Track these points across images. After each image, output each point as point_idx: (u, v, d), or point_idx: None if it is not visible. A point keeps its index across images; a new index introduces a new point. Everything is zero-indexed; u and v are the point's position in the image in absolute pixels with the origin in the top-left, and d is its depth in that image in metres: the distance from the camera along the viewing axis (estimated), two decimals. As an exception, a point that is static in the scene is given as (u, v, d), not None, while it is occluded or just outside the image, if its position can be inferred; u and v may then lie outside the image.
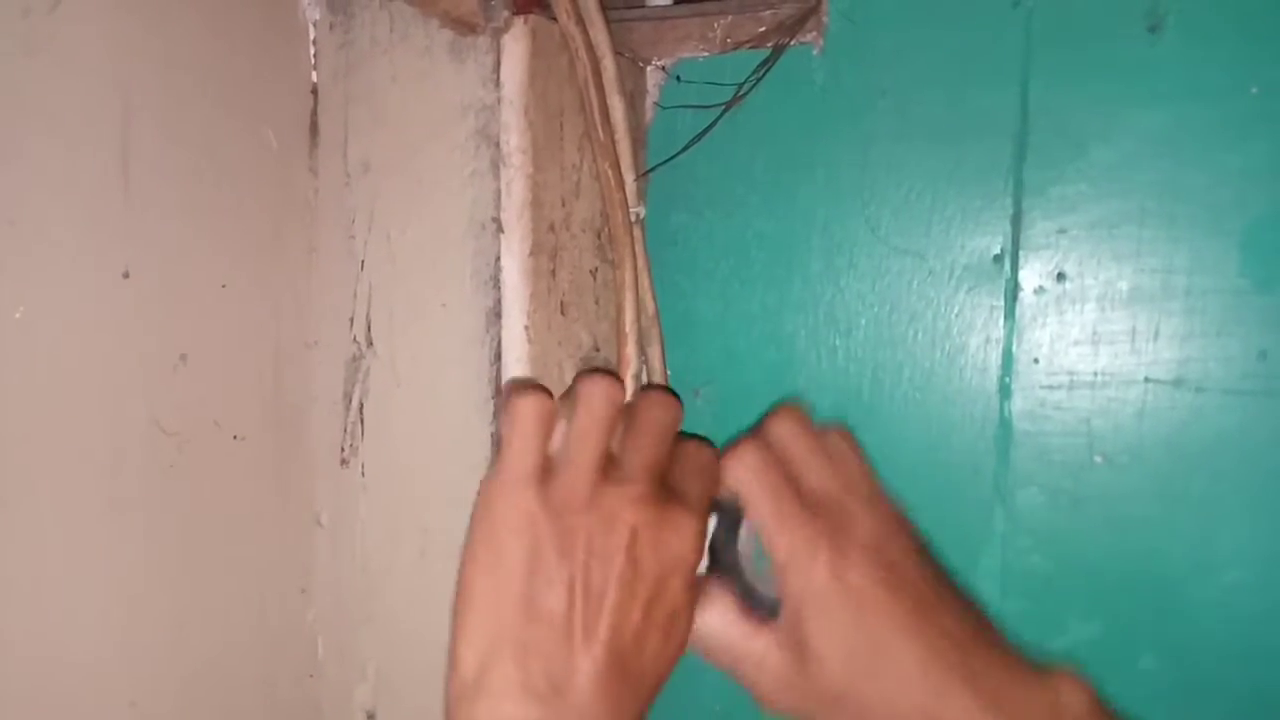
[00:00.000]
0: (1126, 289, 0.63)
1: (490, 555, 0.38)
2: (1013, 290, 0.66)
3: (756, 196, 0.72)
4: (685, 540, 0.38)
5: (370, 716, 0.69)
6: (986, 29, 0.65)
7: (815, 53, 0.70)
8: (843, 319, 0.70)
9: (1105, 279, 0.64)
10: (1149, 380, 0.63)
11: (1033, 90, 0.64)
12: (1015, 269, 0.66)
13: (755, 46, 0.71)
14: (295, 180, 0.67)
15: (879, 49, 0.68)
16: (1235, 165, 0.60)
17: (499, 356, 0.62)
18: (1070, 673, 0.40)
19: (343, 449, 0.68)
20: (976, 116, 0.66)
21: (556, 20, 0.62)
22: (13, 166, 0.50)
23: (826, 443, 0.46)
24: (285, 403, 0.67)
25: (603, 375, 0.40)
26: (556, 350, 0.65)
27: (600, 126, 0.65)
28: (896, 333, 0.69)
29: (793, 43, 0.70)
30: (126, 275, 0.56)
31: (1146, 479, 0.64)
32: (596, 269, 0.69)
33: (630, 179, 0.68)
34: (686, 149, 0.73)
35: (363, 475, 0.68)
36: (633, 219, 0.68)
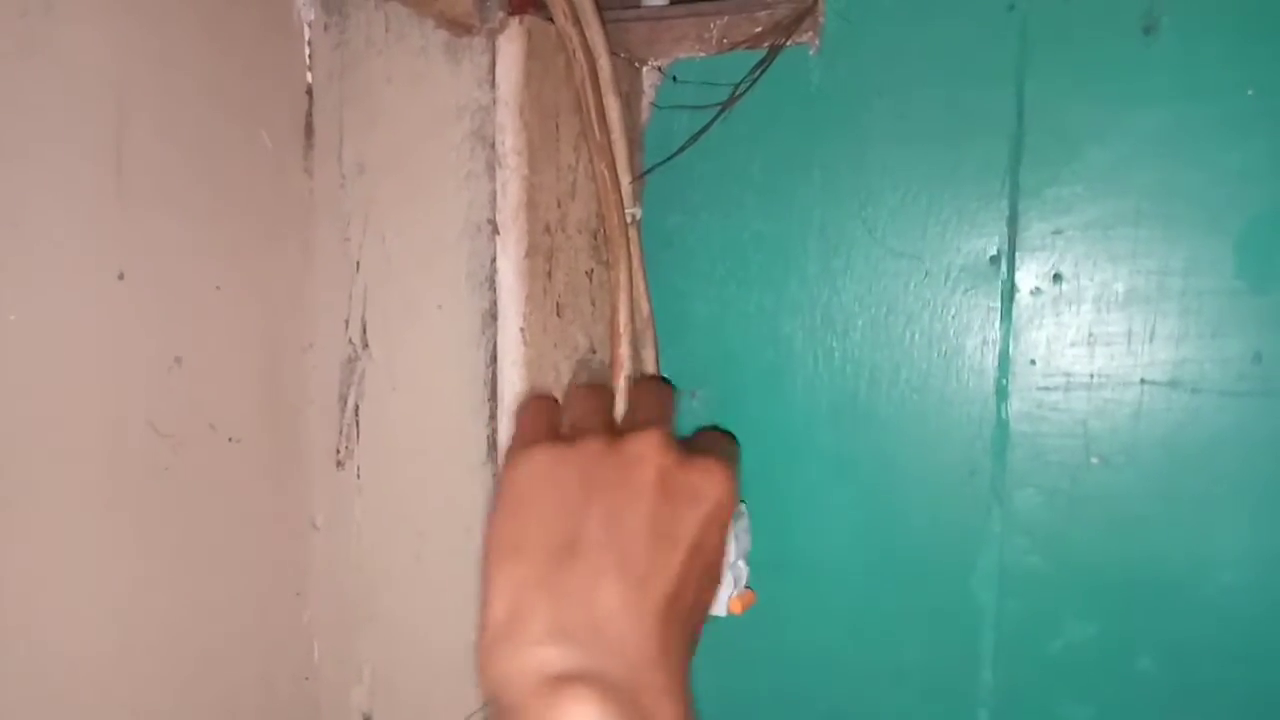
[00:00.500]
0: (1122, 290, 0.63)
1: (515, 503, 0.35)
2: (1009, 292, 0.66)
3: (753, 197, 0.72)
4: (716, 484, 0.35)
5: (367, 718, 0.69)
6: (982, 31, 0.65)
7: (811, 53, 0.70)
8: (840, 320, 0.70)
9: (1101, 280, 0.64)
10: (1145, 382, 0.63)
11: (1028, 92, 0.64)
12: (1012, 270, 0.66)
13: (751, 47, 0.71)
14: (290, 182, 0.67)
15: (875, 50, 0.68)
16: (1231, 166, 0.60)
17: (495, 358, 0.62)
18: None
19: (338, 451, 0.68)
20: (972, 118, 0.66)
21: (552, 21, 0.62)
22: (7, 168, 0.49)
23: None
24: (280, 405, 0.67)
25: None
26: (552, 352, 0.65)
27: (596, 127, 0.65)
28: (893, 334, 0.69)
29: (789, 43, 0.70)
30: (121, 277, 0.56)
31: (1143, 480, 0.64)
32: (592, 270, 0.69)
33: (626, 180, 0.68)
34: (683, 150, 0.72)
35: (358, 477, 0.67)
36: (629, 220, 0.68)
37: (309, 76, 0.67)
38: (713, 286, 0.74)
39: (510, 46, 0.61)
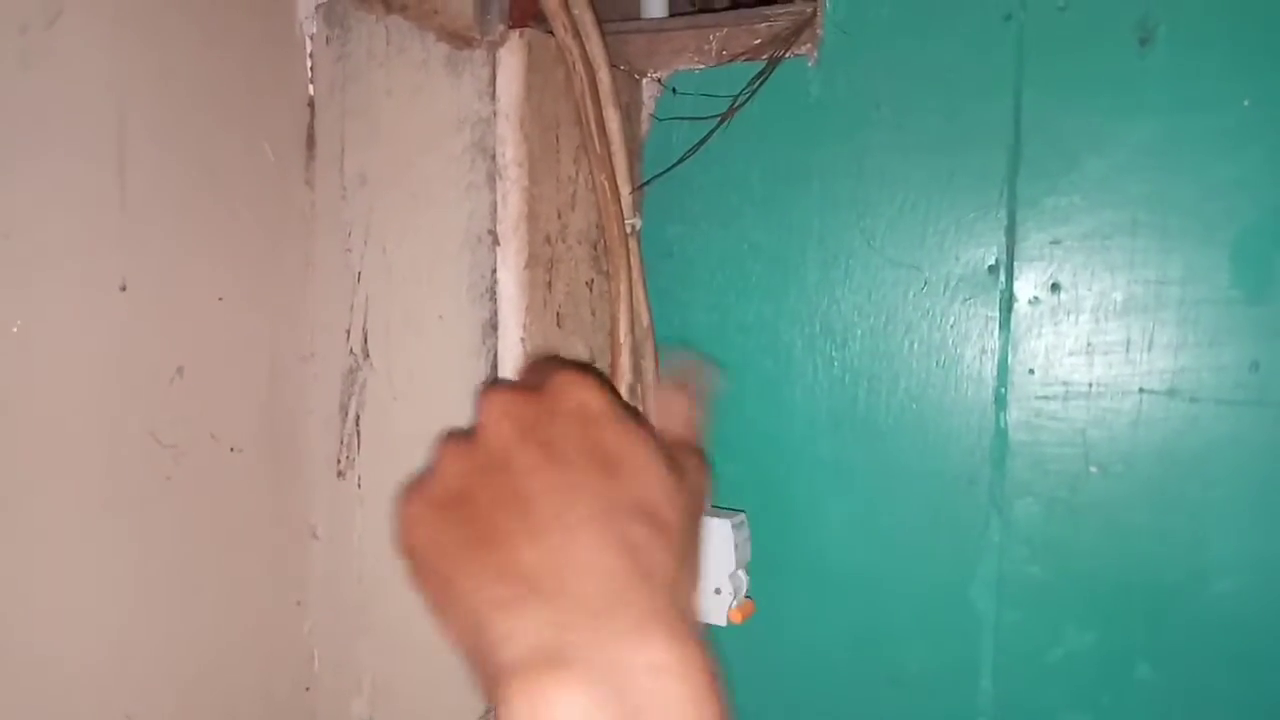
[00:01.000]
0: (1120, 300, 0.63)
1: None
2: (1008, 301, 0.66)
3: (752, 208, 0.73)
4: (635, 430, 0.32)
5: (367, 729, 0.69)
6: (979, 42, 0.65)
7: (810, 65, 0.70)
8: (839, 330, 0.71)
9: (1099, 290, 0.64)
10: (1143, 390, 0.63)
11: (1026, 102, 0.65)
12: (1010, 280, 0.66)
13: (750, 59, 0.72)
14: (292, 193, 0.67)
15: (873, 61, 0.68)
16: (1227, 177, 0.60)
17: (496, 368, 0.62)
18: None
19: (339, 461, 0.68)
20: (970, 128, 0.66)
21: (552, 34, 0.63)
22: (10, 180, 0.50)
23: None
24: (281, 415, 0.67)
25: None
26: (553, 362, 0.65)
27: (596, 138, 0.65)
28: (892, 344, 0.69)
29: (788, 55, 0.70)
30: (123, 288, 0.56)
31: (1142, 488, 0.64)
32: (592, 281, 0.70)
33: (626, 191, 0.68)
34: (682, 160, 0.73)
35: (359, 487, 0.68)
36: (629, 230, 0.69)
37: (311, 89, 0.68)
38: (712, 296, 0.75)
39: (511, 59, 0.61)
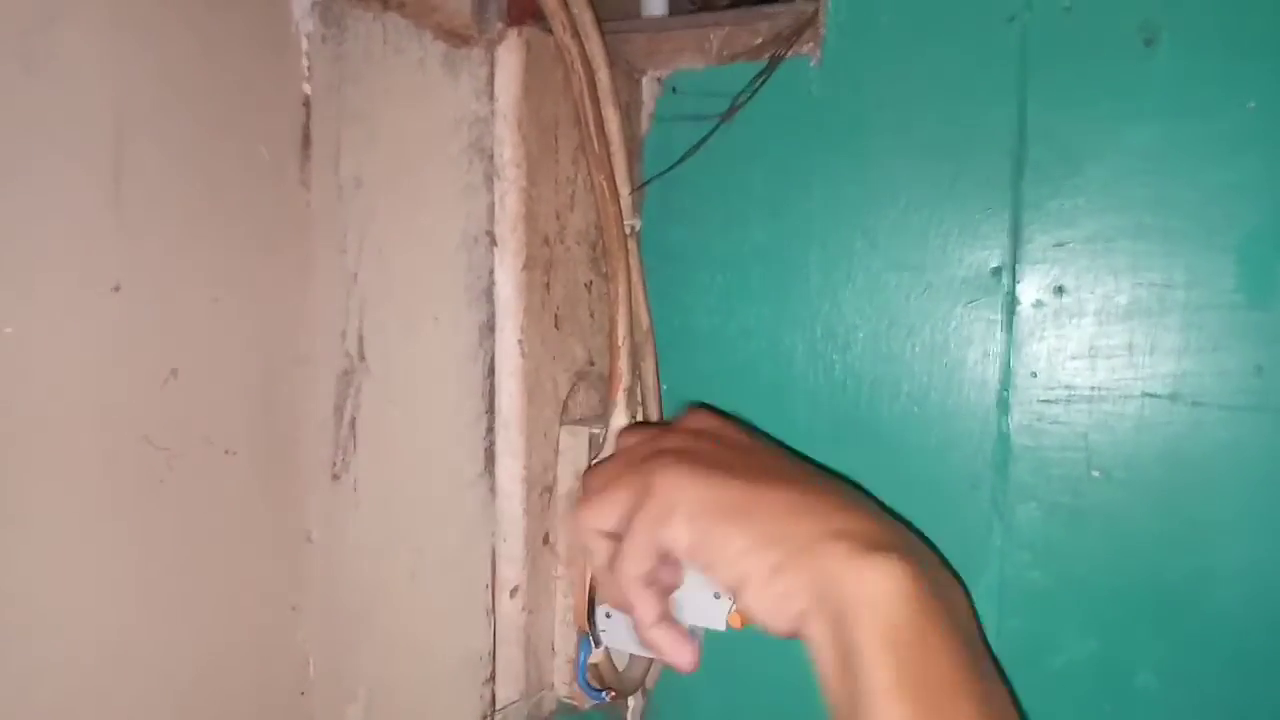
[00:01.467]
0: (1124, 303, 0.63)
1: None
2: (1011, 304, 0.66)
3: (753, 209, 0.72)
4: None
5: (362, 734, 0.68)
6: (982, 43, 0.65)
7: (812, 65, 0.69)
8: (841, 333, 0.70)
9: (1103, 293, 0.63)
10: (1146, 395, 0.63)
11: (1030, 104, 0.64)
12: (1014, 283, 0.65)
13: (752, 58, 0.71)
14: (287, 194, 0.66)
15: (876, 61, 0.68)
16: (1231, 180, 0.60)
17: (492, 371, 0.62)
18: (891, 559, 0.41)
19: (334, 464, 0.67)
20: (974, 130, 0.65)
21: (551, 32, 0.62)
22: (4, 182, 0.49)
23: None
24: (276, 418, 0.66)
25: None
26: (550, 364, 0.64)
27: (595, 139, 0.64)
28: (894, 347, 0.69)
29: (789, 55, 0.70)
30: (117, 289, 0.55)
31: (1144, 493, 0.63)
32: (591, 282, 0.69)
33: (626, 191, 0.68)
34: (682, 161, 0.72)
35: (355, 491, 0.67)
36: (628, 232, 0.68)
37: (306, 88, 0.67)
38: (713, 298, 0.74)
39: (509, 58, 0.60)
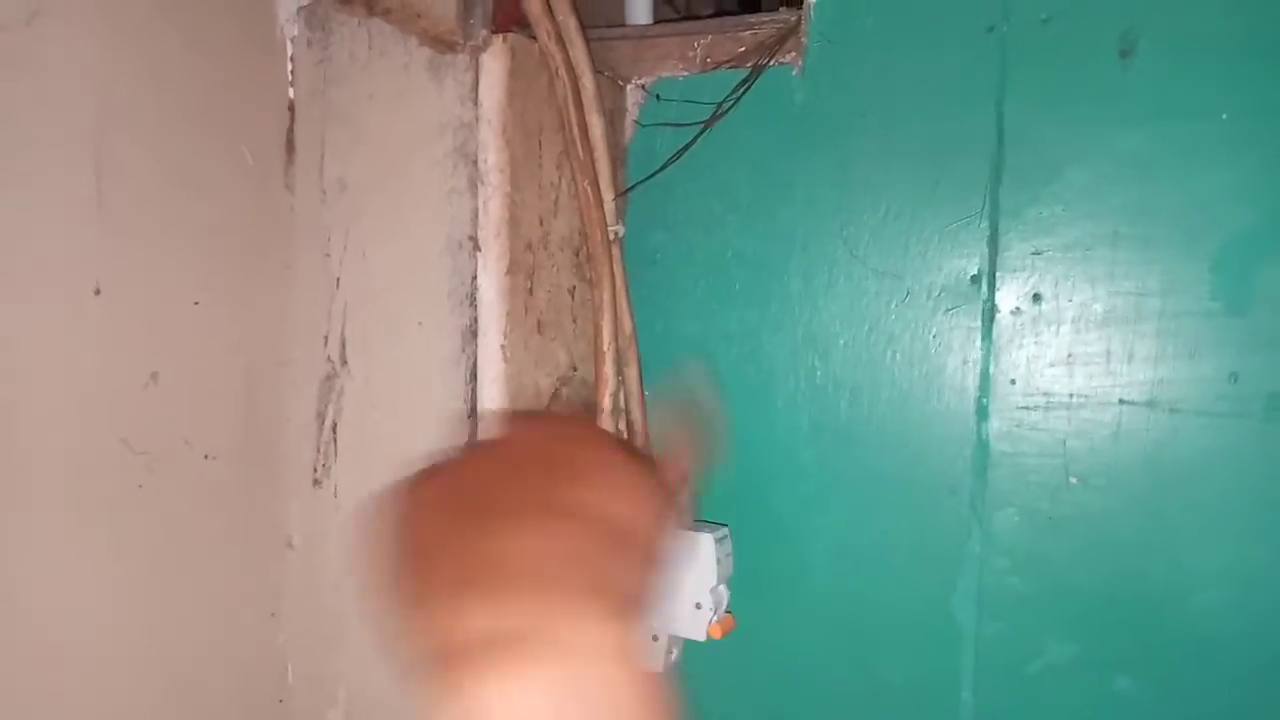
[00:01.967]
0: (1101, 311, 0.64)
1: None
2: (990, 311, 0.66)
3: (736, 215, 0.72)
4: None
5: (342, 741, 0.68)
6: (962, 52, 0.65)
7: (795, 73, 0.70)
8: (821, 339, 0.70)
9: (1080, 301, 0.64)
10: (1123, 402, 0.63)
11: (1008, 113, 0.65)
12: (992, 290, 0.66)
13: (735, 66, 0.72)
14: (271, 197, 0.66)
15: (858, 70, 0.68)
16: (1206, 189, 0.61)
17: (475, 375, 0.62)
18: None
19: (315, 470, 0.67)
20: (954, 138, 0.66)
21: (536, 39, 0.62)
22: (-20, 182, 0.49)
23: None
24: (257, 422, 0.66)
25: None
26: (533, 369, 0.65)
27: (580, 145, 0.65)
28: (875, 353, 0.69)
29: (772, 63, 0.70)
30: (98, 292, 0.55)
31: (1122, 500, 0.64)
32: (574, 287, 0.69)
33: (609, 197, 0.68)
34: (666, 167, 0.73)
35: (336, 497, 0.67)
36: (611, 237, 0.68)
37: (291, 92, 0.67)
38: (695, 304, 0.74)
39: (494, 64, 0.61)
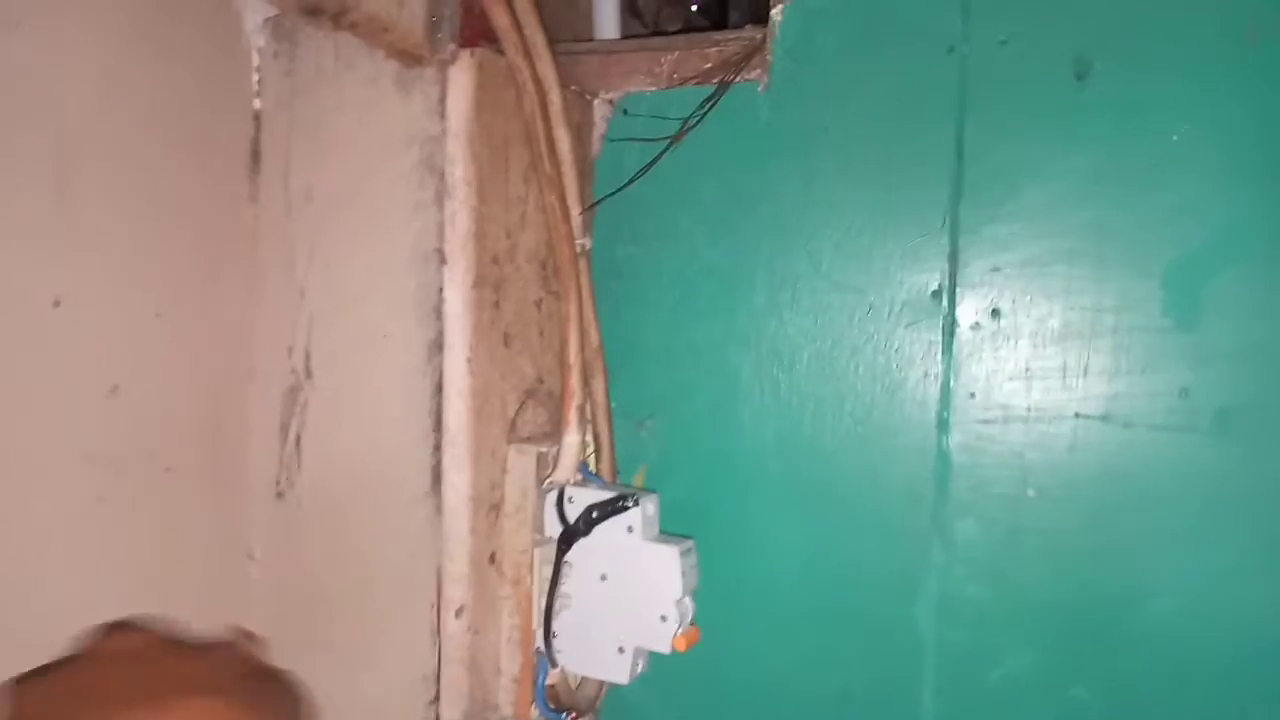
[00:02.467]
0: (1057, 326, 0.65)
1: None
2: (950, 326, 0.67)
3: (702, 230, 0.73)
4: None
5: (305, 755, 0.67)
6: (923, 73, 0.67)
7: (760, 90, 0.71)
8: (786, 352, 0.71)
9: (1037, 316, 0.65)
10: (1079, 415, 0.65)
11: (968, 132, 0.66)
12: (953, 305, 0.67)
13: (701, 82, 0.72)
14: (235, 208, 0.66)
15: (821, 88, 0.69)
16: (1158, 209, 0.62)
17: (441, 388, 0.62)
18: None
19: (279, 482, 0.67)
20: (914, 156, 0.67)
21: (504, 53, 0.63)
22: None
23: None
24: (220, 434, 0.66)
25: None
26: (499, 382, 0.65)
27: (547, 158, 0.65)
28: (838, 366, 0.70)
29: (738, 79, 0.71)
30: (57, 304, 0.54)
31: (1078, 511, 0.65)
32: (541, 300, 0.69)
33: (576, 211, 0.69)
34: (633, 181, 0.73)
35: (299, 509, 0.66)
36: (578, 250, 0.69)
37: (257, 103, 0.67)
38: (662, 316, 0.75)
39: (461, 78, 0.61)
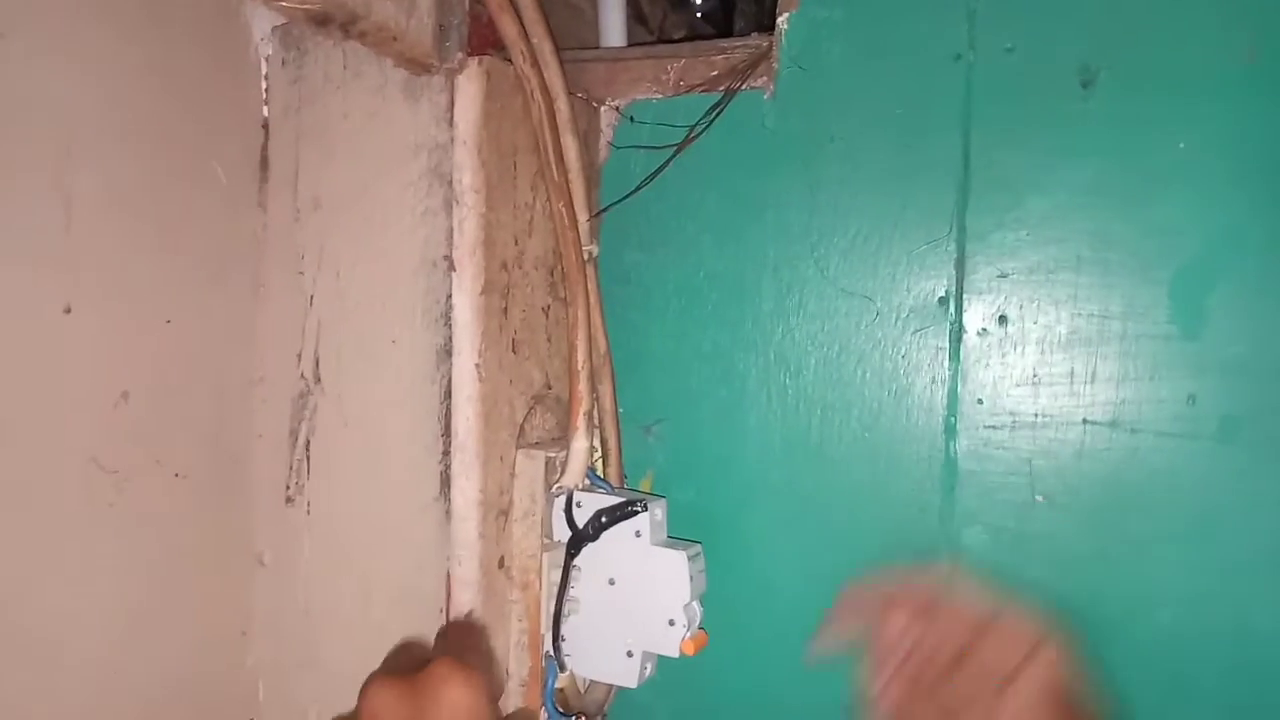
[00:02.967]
0: (1065, 333, 0.65)
1: None
2: (957, 332, 0.68)
3: (708, 236, 0.73)
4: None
5: (313, 761, 0.67)
6: (929, 80, 0.67)
7: (766, 97, 0.71)
8: (792, 359, 0.71)
9: (1045, 323, 0.66)
10: (1087, 422, 0.65)
11: (974, 140, 0.66)
12: (960, 312, 0.67)
13: (707, 90, 0.73)
14: (243, 216, 0.66)
15: (828, 95, 0.70)
16: (1164, 216, 0.62)
17: (449, 394, 0.62)
18: None
19: (288, 487, 0.67)
20: (921, 163, 0.67)
21: (511, 62, 0.63)
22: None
23: None
24: (229, 440, 0.66)
25: None
26: (508, 388, 0.65)
27: (554, 166, 0.65)
28: (845, 373, 0.70)
29: (744, 87, 0.72)
30: (68, 311, 0.55)
31: (1085, 518, 0.65)
32: (549, 306, 0.70)
33: (584, 218, 0.69)
34: (639, 189, 0.74)
35: (308, 514, 0.67)
36: (586, 257, 0.69)
37: (265, 111, 0.67)
38: (669, 323, 0.75)
39: (469, 86, 0.61)
